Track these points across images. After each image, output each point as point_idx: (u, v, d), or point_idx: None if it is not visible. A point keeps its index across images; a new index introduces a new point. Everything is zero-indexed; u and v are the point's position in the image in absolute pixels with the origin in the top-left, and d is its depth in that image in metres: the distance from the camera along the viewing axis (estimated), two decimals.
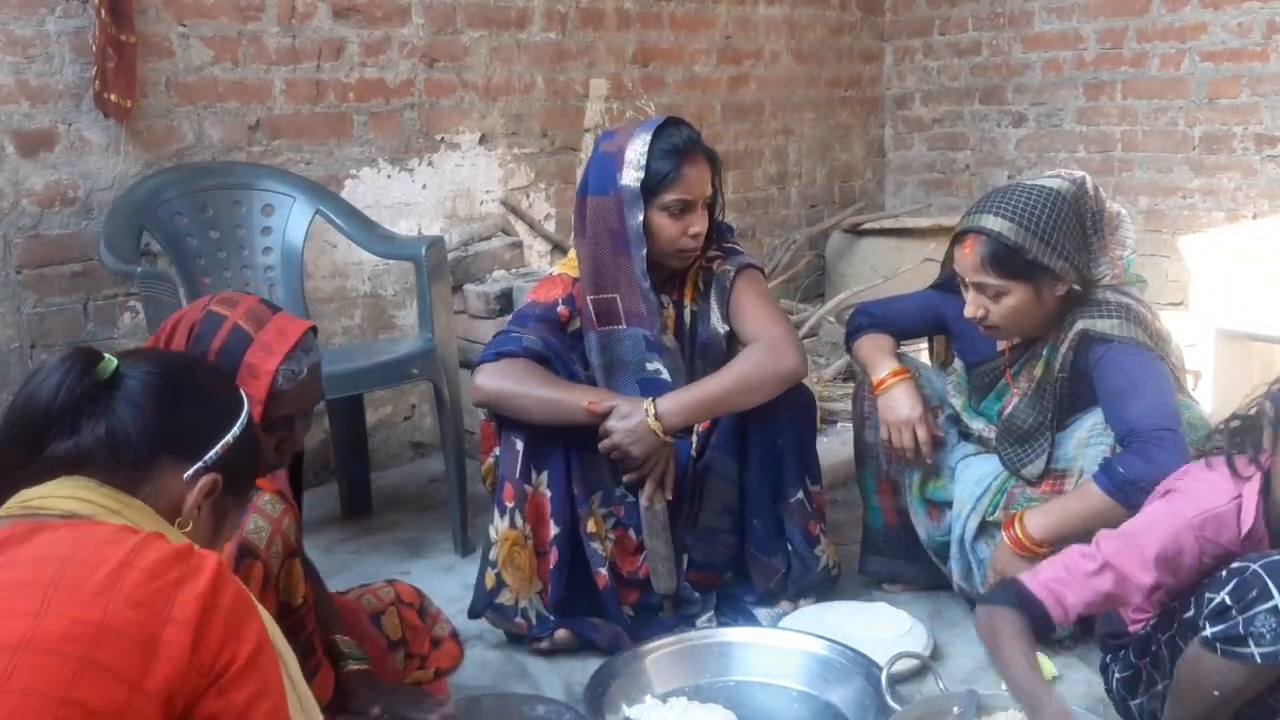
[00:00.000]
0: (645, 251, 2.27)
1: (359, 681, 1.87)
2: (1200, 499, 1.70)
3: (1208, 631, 1.60)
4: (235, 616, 1.05)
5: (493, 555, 2.28)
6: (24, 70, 2.80)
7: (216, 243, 3.01)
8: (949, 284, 2.40)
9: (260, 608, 1.12)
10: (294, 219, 3.10)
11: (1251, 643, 1.54)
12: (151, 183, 2.94)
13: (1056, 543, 2.05)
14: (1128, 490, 1.99)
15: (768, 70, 4.93)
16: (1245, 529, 1.66)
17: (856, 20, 5.35)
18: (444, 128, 3.69)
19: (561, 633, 2.30)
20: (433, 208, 3.68)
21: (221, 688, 1.02)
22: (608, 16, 4.19)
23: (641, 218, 2.25)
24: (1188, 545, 1.68)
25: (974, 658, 2.28)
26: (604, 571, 2.30)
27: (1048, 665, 2.16)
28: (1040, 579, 1.75)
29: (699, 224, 2.29)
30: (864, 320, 2.51)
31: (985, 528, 2.31)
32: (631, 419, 2.22)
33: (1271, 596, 1.53)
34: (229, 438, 1.26)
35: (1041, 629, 1.73)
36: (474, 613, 2.33)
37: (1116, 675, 1.92)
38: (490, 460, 2.38)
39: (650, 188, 2.25)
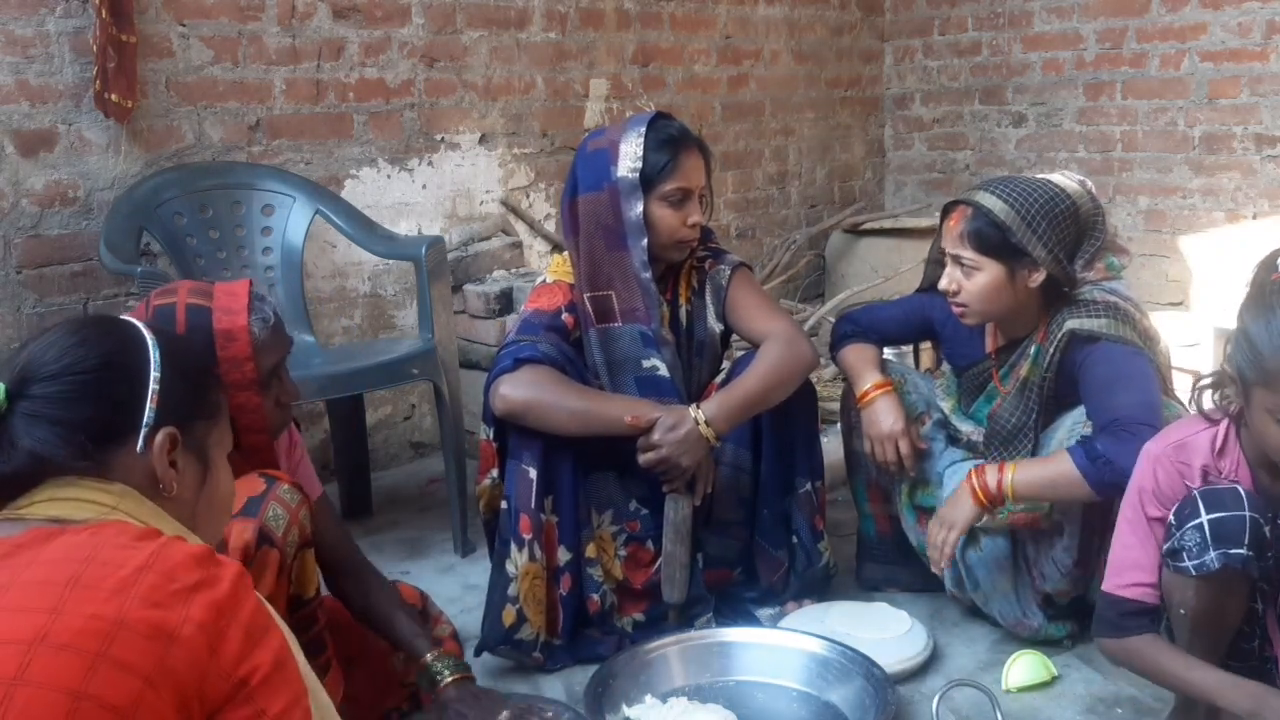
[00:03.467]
0: (646, 243, 2.26)
1: (454, 688, 1.86)
2: (1170, 434, 1.84)
3: (1164, 549, 1.77)
4: (256, 626, 1.03)
5: (512, 591, 2.19)
6: (24, 70, 2.80)
7: (216, 243, 3.01)
8: (935, 286, 2.39)
9: (281, 623, 1.10)
10: (294, 219, 3.10)
11: (1185, 556, 1.71)
12: (151, 183, 2.94)
13: (1020, 500, 2.12)
14: (1099, 467, 1.98)
15: (768, 70, 4.93)
16: (1217, 447, 1.77)
17: (856, 20, 5.35)
18: (444, 128, 3.69)
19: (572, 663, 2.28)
20: (433, 208, 3.68)
21: (249, 694, 1.00)
22: (608, 16, 4.20)
23: (641, 209, 2.24)
24: (1163, 471, 1.79)
25: (975, 657, 2.28)
26: (596, 597, 2.29)
27: (1048, 665, 2.16)
28: (1114, 584, 1.84)
29: (697, 214, 2.29)
30: (848, 329, 2.49)
31: (973, 534, 2.29)
32: (680, 429, 2.16)
33: (1199, 514, 1.70)
34: (154, 386, 1.16)
35: (1156, 621, 1.83)
36: (485, 648, 2.23)
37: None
38: (486, 482, 2.31)
39: (649, 179, 2.24)
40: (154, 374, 1.16)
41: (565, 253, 2.40)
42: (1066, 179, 2.25)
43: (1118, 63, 4.76)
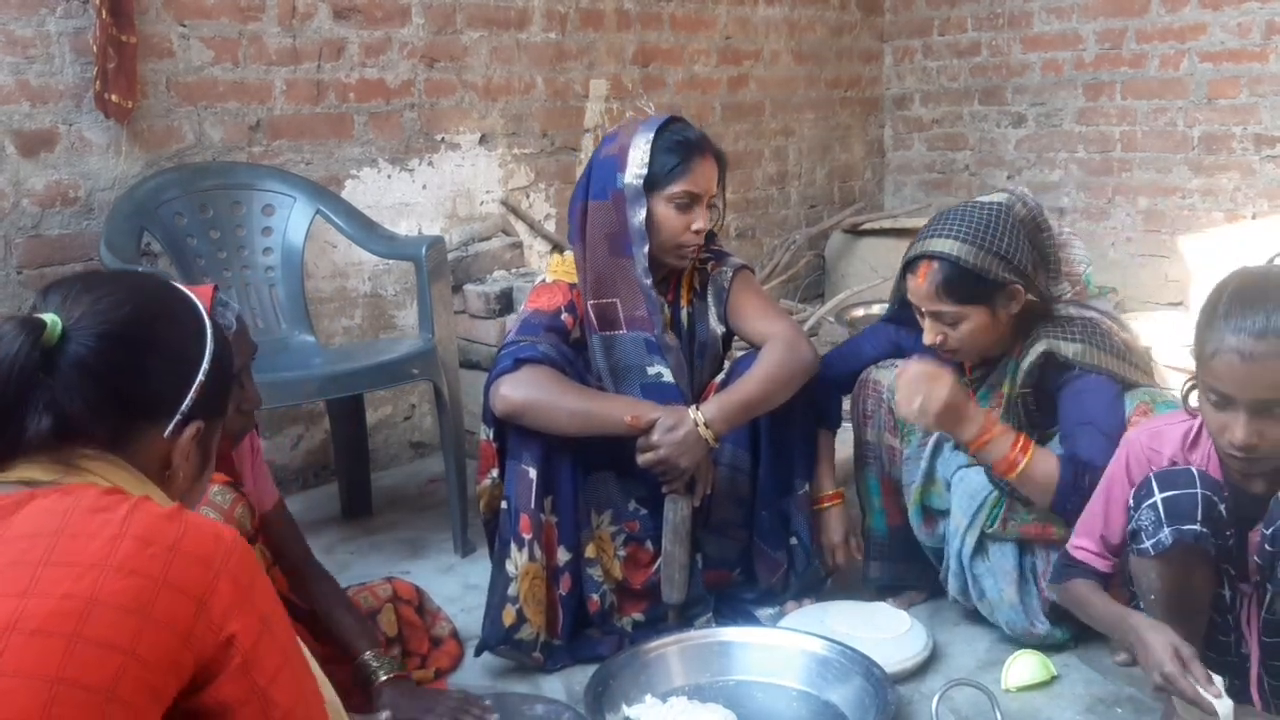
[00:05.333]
0: (647, 249, 2.25)
1: (389, 687, 1.87)
2: (1151, 422, 1.97)
3: (1127, 531, 1.83)
4: (244, 577, 1.01)
5: (512, 591, 2.18)
6: (24, 70, 2.80)
7: (217, 243, 3.01)
8: (902, 315, 2.39)
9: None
10: (294, 219, 3.10)
11: (1143, 536, 1.77)
12: (152, 183, 2.94)
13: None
14: (1073, 492, 2.07)
15: (768, 70, 4.93)
16: (1189, 440, 1.85)
17: (856, 20, 5.36)
18: (444, 128, 3.69)
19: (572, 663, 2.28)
20: (433, 208, 3.68)
21: (244, 665, 0.99)
22: (608, 17, 4.20)
23: (644, 215, 2.23)
24: (1134, 456, 1.90)
25: (974, 657, 2.28)
26: (596, 597, 2.29)
27: (1048, 665, 2.17)
28: (1071, 542, 2.01)
29: (702, 220, 2.28)
30: (819, 400, 2.42)
31: (981, 544, 2.28)
32: (679, 430, 2.16)
33: (1153, 494, 1.76)
34: (201, 378, 1.15)
35: (1092, 576, 1.98)
36: (485, 648, 2.23)
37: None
38: (487, 482, 2.30)
39: (655, 180, 2.23)
40: (205, 366, 1.16)
41: (565, 252, 2.40)
42: (998, 195, 2.23)
43: (1117, 63, 4.76)
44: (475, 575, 2.69)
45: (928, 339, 2.21)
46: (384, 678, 1.89)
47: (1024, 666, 2.15)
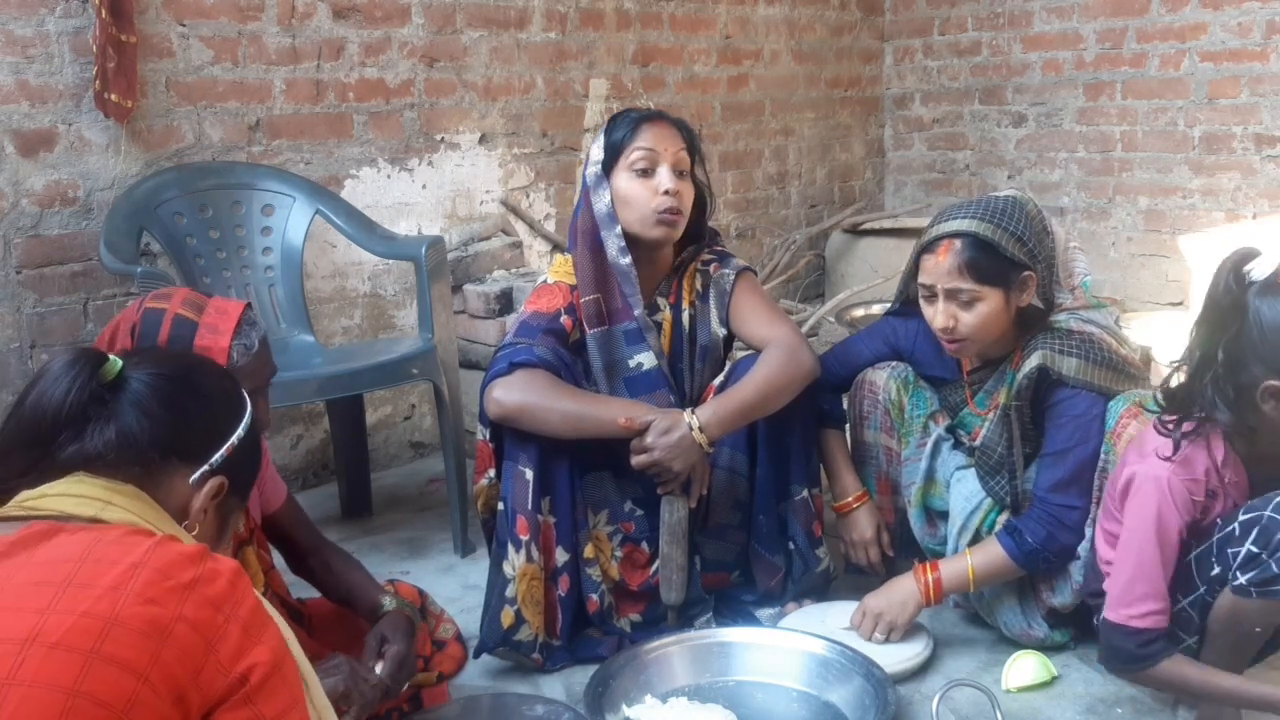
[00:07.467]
0: (619, 229, 2.27)
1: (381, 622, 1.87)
2: (1163, 451, 1.84)
3: (1241, 579, 1.75)
4: (254, 623, 1.04)
5: (510, 592, 2.18)
6: (24, 70, 2.80)
7: (216, 243, 3.01)
8: (903, 309, 2.40)
9: (281, 621, 1.11)
10: (294, 219, 3.10)
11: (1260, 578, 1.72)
12: (151, 183, 2.94)
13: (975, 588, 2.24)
14: (1027, 553, 2.14)
15: (768, 70, 4.93)
16: (1219, 458, 1.81)
17: (856, 20, 5.35)
18: (444, 128, 3.69)
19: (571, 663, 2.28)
20: (433, 208, 3.68)
21: (248, 696, 1.00)
22: (608, 16, 4.20)
23: (609, 197, 2.26)
24: (1177, 492, 1.81)
25: (975, 658, 2.28)
26: (595, 597, 2.28)
27: (1048, 666, 2.17)
28: (1126, 614, 1.86)
29: (669, 180, 2.25)
30: (823, 403, 2.43)
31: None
32: (674, 433, 2.15)
33: (1245, 539, 1.72)
34: (234, 439, 1.26)
35: (1171, 643, 1.87)
36: (484, 649, 2.23)
37: None
38: (484, 482, 2.30)
39: (611, 158, 2.27)
40: (240, 431, 1.28)
41: (566, 253, 2.41)
42: (1008, 191, 2.24)
43: (1118, 63, 4.76)
44: (475, 575, 2.68)
45: (940, 322, 2.16)
46: (387, 609, 1.89)
47: (1024, 667, 2.15)
